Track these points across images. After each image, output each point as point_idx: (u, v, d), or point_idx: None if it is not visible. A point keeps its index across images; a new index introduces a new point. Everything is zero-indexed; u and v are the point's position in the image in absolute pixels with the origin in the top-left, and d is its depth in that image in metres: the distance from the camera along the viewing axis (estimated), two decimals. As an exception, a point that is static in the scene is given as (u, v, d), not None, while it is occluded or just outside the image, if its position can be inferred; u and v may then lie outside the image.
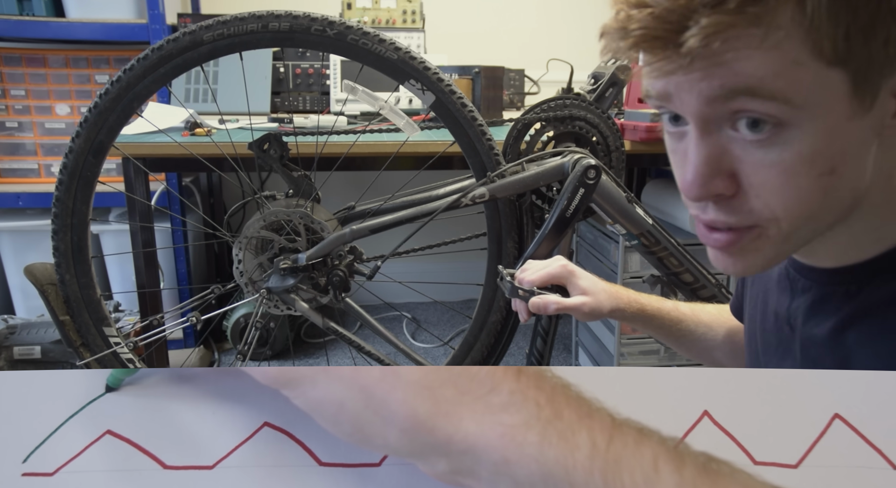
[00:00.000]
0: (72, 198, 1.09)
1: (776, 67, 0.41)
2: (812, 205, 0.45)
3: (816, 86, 0.41)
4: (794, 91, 0.41)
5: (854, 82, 0.41)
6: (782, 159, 0.44)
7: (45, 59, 1.95)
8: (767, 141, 0.43)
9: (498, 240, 1.20)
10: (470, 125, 1.11)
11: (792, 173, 0.44)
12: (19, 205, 1.91)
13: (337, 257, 1.13)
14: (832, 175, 0.44)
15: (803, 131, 0.42)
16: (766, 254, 0.49)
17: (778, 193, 0.45)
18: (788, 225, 0.46)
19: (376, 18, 2.05)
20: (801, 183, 0.44)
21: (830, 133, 0.43)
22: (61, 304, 1.14)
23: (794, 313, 0.57)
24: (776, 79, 0.41)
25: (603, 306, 0.78)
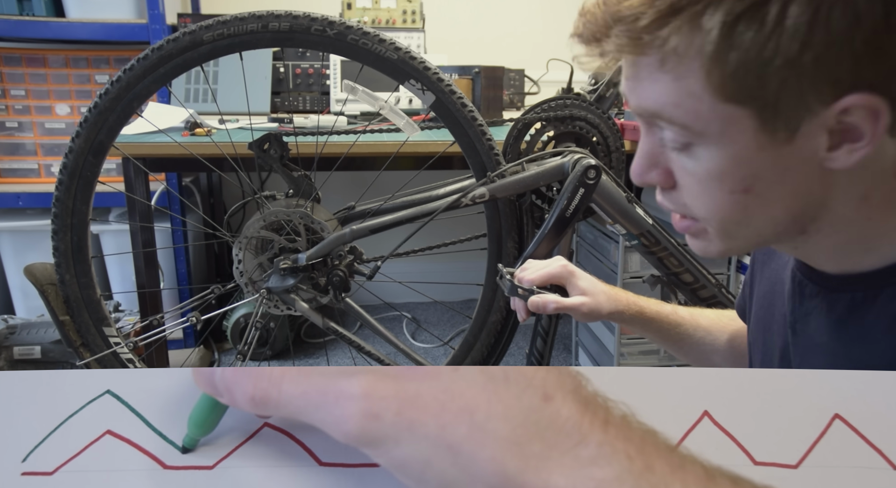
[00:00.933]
0: (72, 198, 1.09)
1: (674, 97, 0.44)
2: (732, 215, 0.48)
3: (714, 119, 0.44)
4: (692, 120, 0.45)
5: (761, 118, 0.43)
6: (694, 170, 0.47)
7: (45, 59, 1.95)
8: (683, 150, 0.47)
9: (498, 240, 1.20)
10: (470, 125, 1.11)
11: (704, 184, 0.48)
12: (19, 205, 1.91)
13: (337, 257, 1.13)
14: (747, 194, 0.46)
15: (709, 152, 0.46)
16: (716, 244, 0.52)
17: (697, 198, 0.49)
18: (719, 226, 0.50)
19: (376, 18, 2.05)
20: (714, 194, 0.47)
21: (737, 159, 0.45)
22: (61, 304, 1.14)
23: (801, 318, 0.57)
24: (675, 108, 0.45)
25: (602, 307, 0.78)
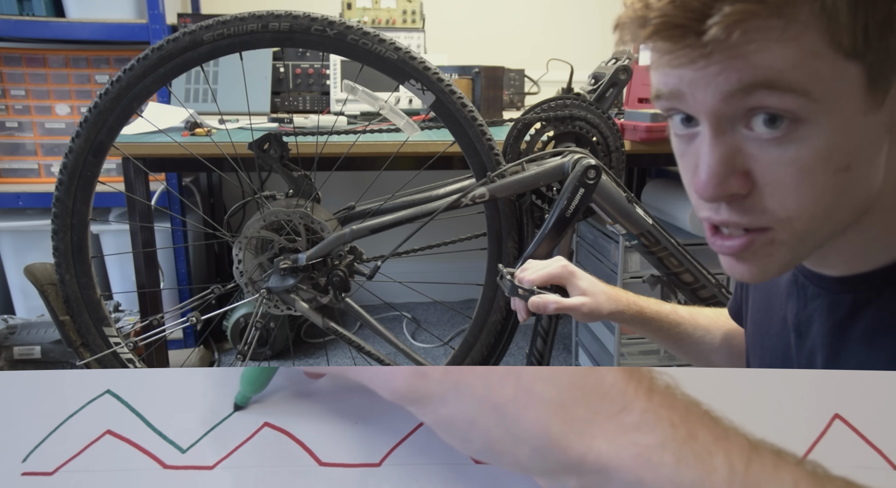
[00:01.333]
0: (72, 198, 1.09)
1: (795, 59, 0.41)
2: (827, 203, 0.45)
3: (834, 78, 0.41)
4: (813, 83, 0.41)
5: (869, 76, 0.42)
6: (799, 156, 0.43)
7: (45, 59, 1.95)
8: (784, 138, 0.43)
9: (498, 240, 1.20)
10: (470, 125, 1.11)
11: (808, 170, 0.44)
12: (19, 205, 1.91)
13: (337, 257, 1.13)
14: (847, 171, 0.44)
15: (820, 126, 0.42)
16: (779, 258, 0.48)
17: (793, 191, 0.44)
18: (802, 225, 0.46)
19: (376, 18, 2.05)
20: (816, 180, 0.44)
21: (846, 128, 0.43)
22: (61, 304, 1.14)
23: (803, 320, 0.56)
24: (795, 70, 0.41)
25: (602, 307, 0.78)
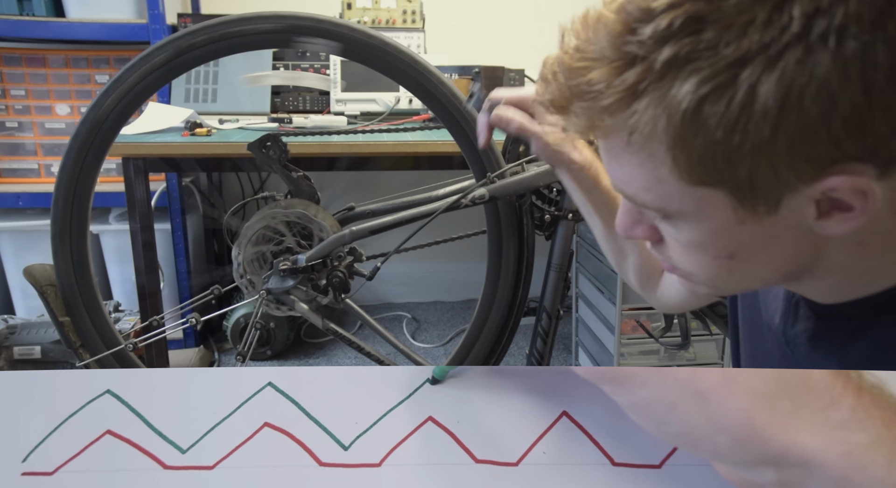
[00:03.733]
0: (70, 198, 1.09)
1: (642, 182, 0.42)
2: (719, 276, 0.46)
3: (687, 200, 0.41)
4: (665, 204, 0.42)
5: (736, 197, 0.40)
6: (675, 237, 0.46)
7: (45, 59, 1.95)
8: (664, 218, 0.45)
9: (498, 241, 1.20)
10: (469, 125, 1.11)
11: (687, 250, 0.46)
12: (19, 205, 1.91)
13: (336, 258, 1.13)
14: (732, 259, 0.44)
15: (689, 225, 0.43)
16: (702, 289, 0.50)
17: (684, 259, 0.47)
18: (706, 282, 0.48)
19: (376, 18, 2.05)
20: (699, 259, 0.45)
21: (718, 232, 0.43)
22: (60, 305, 1.14)
23: (794, 339, 0.55)
24: (646, 193, 0.42)
25: (565, 147, 0.74)
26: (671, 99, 0.37)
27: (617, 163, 0.43)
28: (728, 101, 0.36)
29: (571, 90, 0.40)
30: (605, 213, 0.77)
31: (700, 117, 0.37)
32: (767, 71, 0.35)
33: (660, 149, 0.39)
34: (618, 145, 0.41)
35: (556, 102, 0.42)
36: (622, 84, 0.38)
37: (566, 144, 0.75)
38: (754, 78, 0.35)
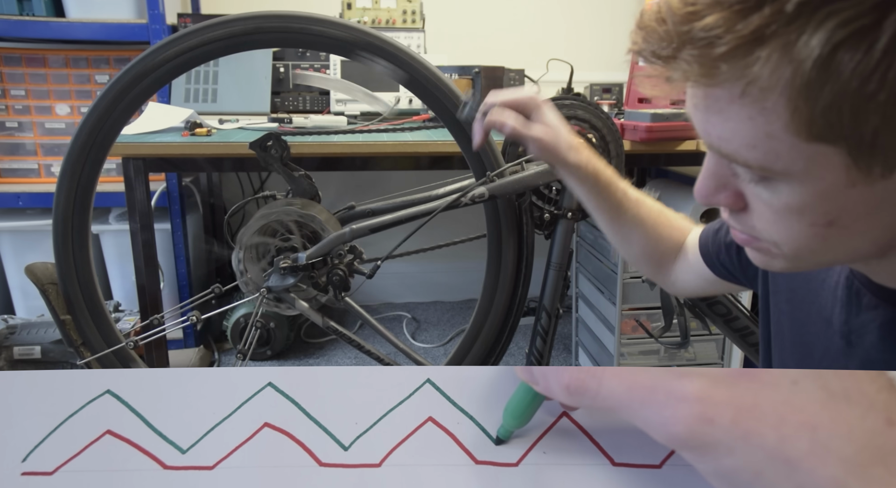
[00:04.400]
0: (71, 198, 1.09)
1: (750, 138, 0.39)
2: (809, 245, 0.43)
3: (797, 159, 0.39)
4: (771, 162, 0.39)
5: (854, 156, 0.37)
6: (771, 201, 0.43)
7: (45, 59, 1.95)
8: (761, 180, 0.42)
9: (498, 240, 1.20)
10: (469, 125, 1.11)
11: (781, 216, 0.43)
12: (19, 205, 1.91)
13: (337, 256, 1.13)
14: (830, 226, 0.41)
15: (790, 187, 0.41)
16: (780, 263, 0.48)
17: (772, 227, 0.44)
18: (790, 251, 0.45)
19: (376, 18, 2.05)
20: (791, 225, 0.43)
21: (824, 195, 0.40)
22: (62, 304, 1.14)
23: (856, 329, 0.53)
24: (751, 150, 0.39)
25: (560, 149, 0.74)
26: (802, 45, 0.34)
27: (720, 118, 0.40)
28: (868, 46, 0.33)
29: (682, 36, 0.37)
30: (609, 206, 0.77)
31: (833, 65, 0.34)
32: None
33: (779, 102, 0.36)
34: (726, 97, 0.38)
35: (661, 52, 0.39)
36: (745, 28, 0.35)
37: (561, 146, 0.74)
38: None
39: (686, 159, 1.51)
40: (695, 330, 1.61)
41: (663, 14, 0.38)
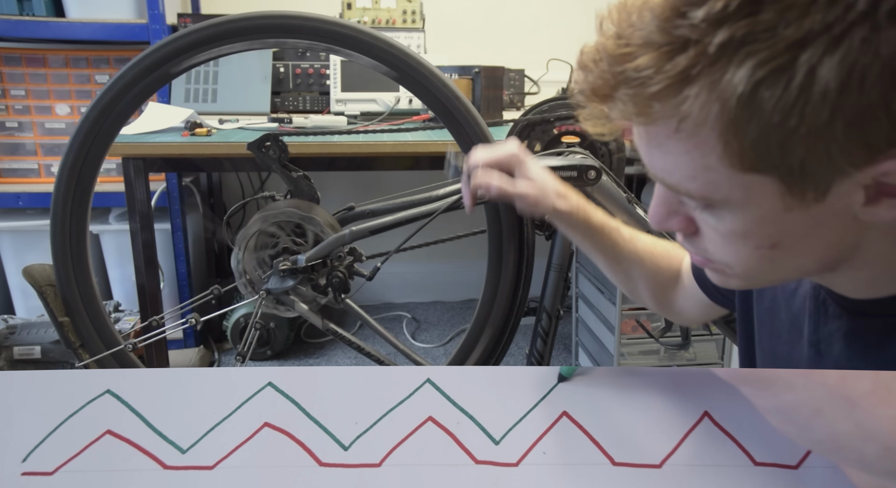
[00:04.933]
0: (69, 198, 1.09)
1: (688, 171, 0.41)
2: (759, 266, 0.45)
3: (734, 188, 0.40)
4: (711, 192, 0.41)
5: (786, 184, 0.39)
6: (716, 227, 0.44)
7: (45, 59, 1.95)
8: (706, 208, 0.44)
9: (498, 241, 1.20)
10: (469, 125, 1.11)
11: (727, 240, 0.45)
12: (19, 205, 1.91)
13: (336, 258, 1.13)
14: (774, 249, 0.43)
15: (732, 214, 0.43)
16: (737, 283, 0.49)
17: (721, 250, 0.46)
18: (742, 273, 0.47)
19: (376, 18, 2.05)
20: (738, 249, 0.45)
21: (763, 220, 0.42)
22: (60, 306, 1.14)
23: (825, 338, 0.54)
24: (691, 182, 0.41)
25: (548, 201, 0.74)
26: (725, 83, 0.36)
27: (660, 152, 0.42)
28: (786, 84, 0.35)
29: (616, 77, 0.39)
30: (604, 248, 0.77)
31: (756, 101, 0.36)
32: (829, 51, 0.34)
33: (711, 136, 0.38)
34: (663, 133, 0.40)
35: (599, 91, 0.41)
36: (673, 69, 0.37)
37: (549, 196, 0.74)
38: (815, 59, 0.34)
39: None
40: (695, 330, 1.61)
41: (600, 54, 0.40)
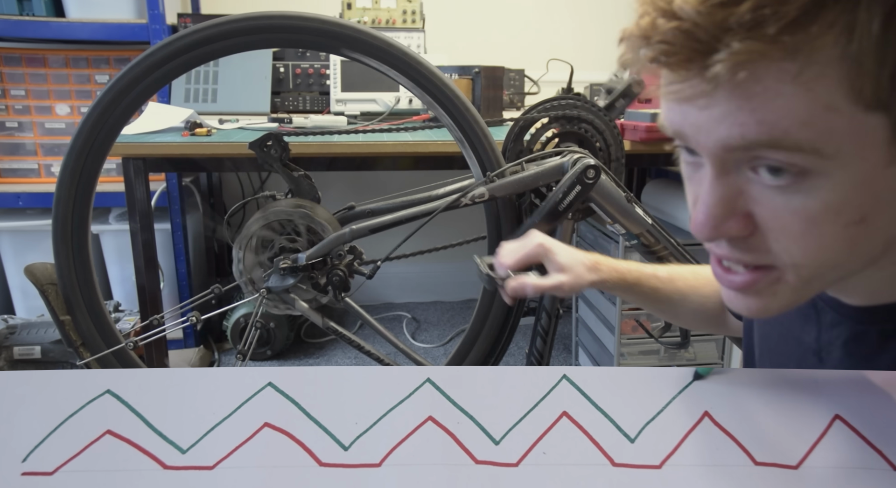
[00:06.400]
0: (71, 198, 1.09)
1: (805, 114, 0.36)
2: (837, 254, 0.41)
3: (850, 133, 0.36)
4: (825, 141, 0.37)
5: (894, 127, 0.37)
6: (805, 207, 0.39)
7: (45, 59, 1.95)
8: (790, 187, 0.39)
9: (498, 240, 1.20)
10: (469, 125, 1.11)
11: (815, 222, 0.40)
12: (19, 205, 1.91)
13: (337, 257, 1.13)
14: (861, 224, 0.40)
15: (832, 180, 0.38)
16: (782, 298, 0.45)
17: (799, 241, 0.41)
18: (809, 271, 0.43)
19: (376, 18, 2.05)
20: (824, 232, 0.40)
21: (863, 182, 0.38)
22: (61, 304, 1.14)
23: (825, 347, 0.53)
24: (804, 128, 0.36)
25: (583, 280, 0.75)
26: (865, 7, 0.33)
27: (763, 100, 0.36)
28: None
29: (721, 23, 0.34)
30: (646, 296, 0.79)
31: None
32: None
33: (840, 69, 0.35)
34: (776, 74, 0.35)
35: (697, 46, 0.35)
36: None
37: (582, 277, 0.75)
38: None
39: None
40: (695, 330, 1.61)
41: (676, 12, 0.35)
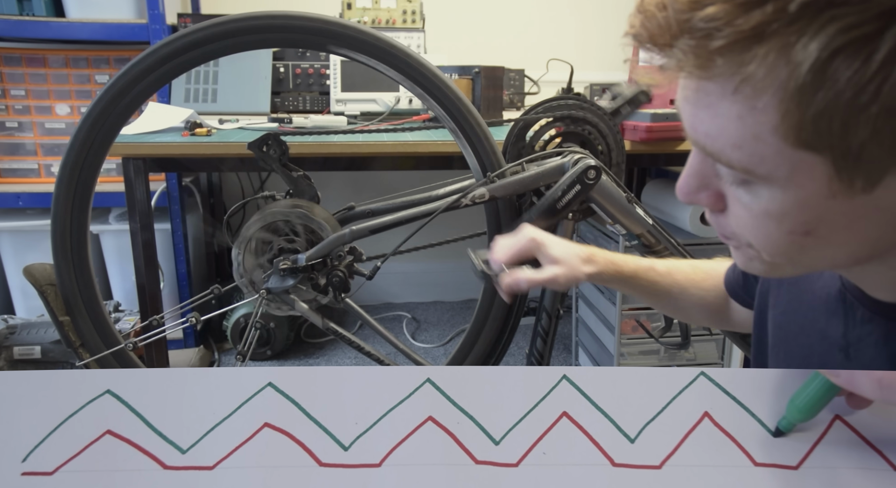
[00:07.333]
0: (71, 198, 1.09)
1: (737, 138, 0.38)
2: (787, 253, 0.43)
3: (781, 164, 0.38)
4: (755, 165, 0.39)
5: (835, 167, 0.37)
6: (750, 205, 0.42)
7: (45, 59, 1.95)
8: (742, 184, 0.42)
9: (498, 241, 1.20)
10: (469, 125, 1.11)
11: (760, 220, 0.42)
12: (19, 205, 1.91)
13: (336, 257, 1.13)
14: (807, 236, 0.41)
15: (771, 192, 0.40)
16: (760, 267, 0.47)
17: (749, 231, 0.44)
18: (769, 256, 0.45)
19: (376, 18, 2.05)
20: (770, 232, 0.42)
21: (802, 204, 0.39)
22: (60, 305, 1.14)
23: (853, 343, 0.52)
24: (736, 150, 0.39)
25: (578, 272, 0.74)
26: (800, 47, 0.33)
27: (708, 114, 0.39)
28: (867, 56, 0.32)
29: (681, 24, 0.36)
30: (644, 289, 0.78)
31: (829, 71, 0.33)
32: None
33: (771, 103, 0.36)
34: (717, 92, 0.37)
35: (659, 37, 0.37)
36: (746, 23, 0.34)
37: (577, 268, 0.75)
38: None
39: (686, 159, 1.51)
40: (695, 330, 1.61)
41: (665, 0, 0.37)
